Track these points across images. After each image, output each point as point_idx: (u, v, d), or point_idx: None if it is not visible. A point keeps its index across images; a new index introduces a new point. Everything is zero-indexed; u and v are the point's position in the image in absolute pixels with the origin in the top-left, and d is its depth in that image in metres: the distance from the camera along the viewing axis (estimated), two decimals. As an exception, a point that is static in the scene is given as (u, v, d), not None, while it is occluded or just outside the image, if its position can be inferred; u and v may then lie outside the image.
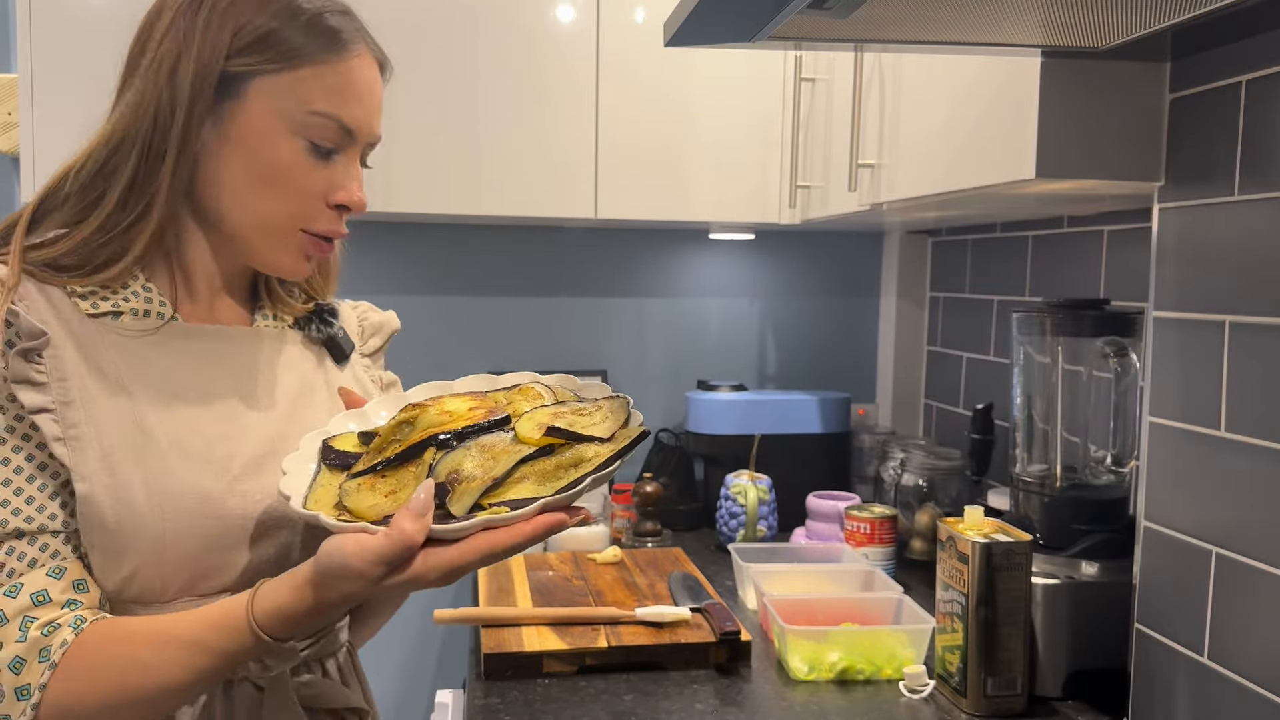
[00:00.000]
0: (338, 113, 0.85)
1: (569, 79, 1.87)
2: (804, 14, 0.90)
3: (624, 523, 1.98)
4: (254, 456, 0.85)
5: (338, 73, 0.85)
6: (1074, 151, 1.12)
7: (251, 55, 0.82)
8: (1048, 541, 1.29)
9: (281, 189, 0.85)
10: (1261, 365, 1.00)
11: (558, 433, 0.83)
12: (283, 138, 0.84)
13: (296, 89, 0.83)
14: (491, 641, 1.34)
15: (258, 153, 0.84)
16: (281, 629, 0.77)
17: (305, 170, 0.85)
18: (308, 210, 0.86)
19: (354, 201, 0.88)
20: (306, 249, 0.88)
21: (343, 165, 0.87)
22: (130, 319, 0.84)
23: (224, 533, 0.82)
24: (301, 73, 0.83)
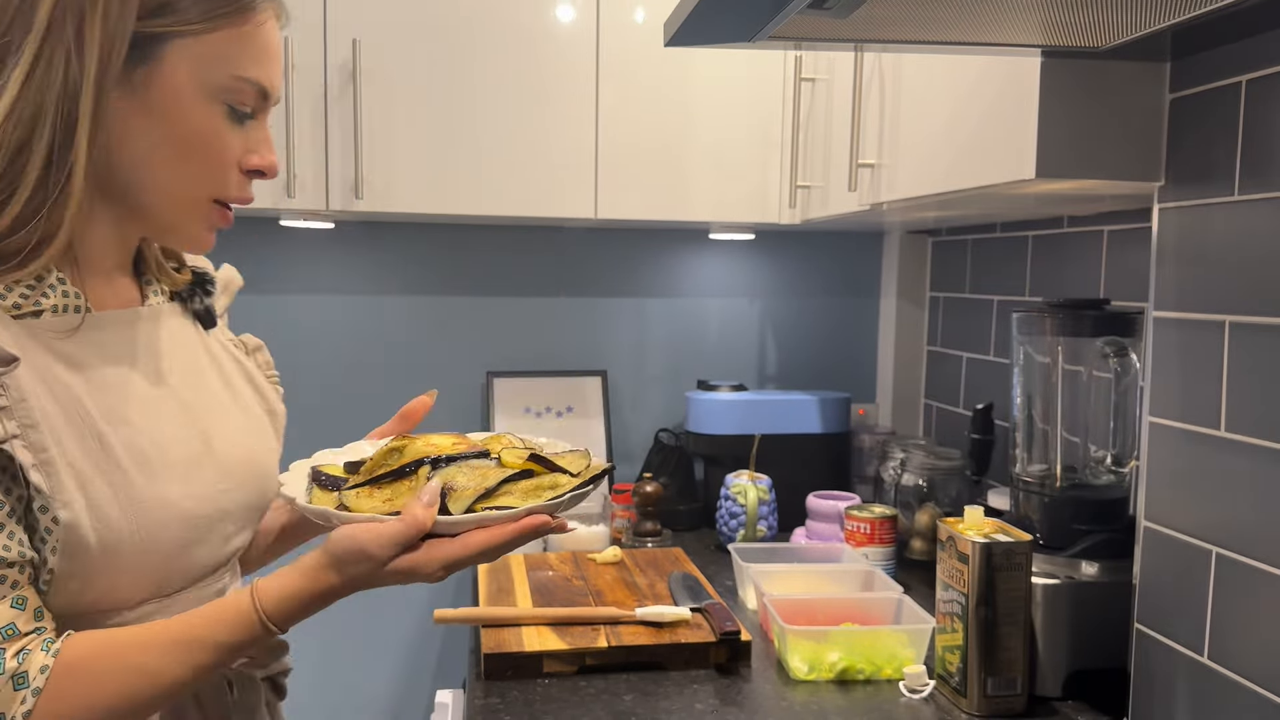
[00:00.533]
0: (256, 76, 0.81)
1: (569, 79, 1.88)
2: (804, 14, 0.90)
3: (624, 523, 1.98)
4: (194, 455, 0.84)
5: (254, 35, 0.81)
6: (1074, 151, 1.12)
7: (165, 16, 0.76)
8: (1048, 541, 1.29)
9: (200, 157, 0.81)
10: (1261, 365, 1.00)
11: (539, 459, 0.93)
12: (202, 104, 0.79)
13: (216, 53, 0.79)
14: (491, 641, 1.34)
15: (176, 120, 0.79)
16: (286, 617, 0.79)
17: (224, 136, 0.81)
18: (223, 178, 0.82)
19: (268, 165, 0.85)
20: (213, 219, 0.84)
21: (256, 129, 0.84)
22: (50, 317, 0.77)
23: (184, 535, 0.81)
24: (219, 34, 0.79)
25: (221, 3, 0.78)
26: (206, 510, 0.83)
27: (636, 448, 2.30)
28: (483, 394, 2.24)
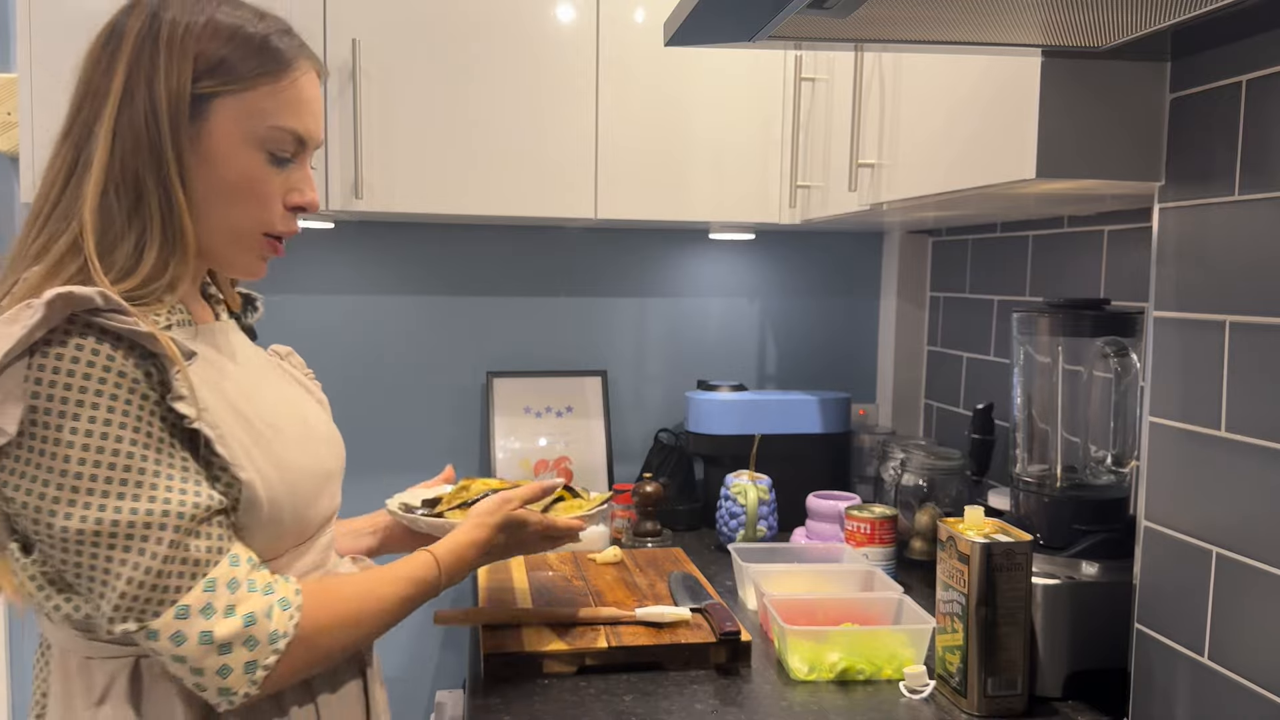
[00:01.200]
0: (293, 125, 0.94)
1: (569, 79, 1.87)
2: (804, 14, 0.90)
3: (624, 523, 1.98)
4: (301, 429, 1.00)
5: (288, 89, 0.93)
6: (1074, 151, 1.12)
7: (212, 79, 0.90)
8: (1048, 541, 1.29)
9: (246, 197, 0.93)
10: (1261, 365, 1.00)
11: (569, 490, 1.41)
12: (245, 151, 0.92)
13: (255, 107, 0.92)
14: (491, 641, 1.34)
15: (223, 167, 0.91)
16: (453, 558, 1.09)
17: (266, 179, 0.94)
18: (269, 215, 0.95)
19: (309, 202, 0.97)
20: (264, 250, 0.98)
21: (296, 170, 0.97)
22: (177, 329, 0.92)
23: (313, 490, 0.98)
24: (258, 91, 0.92)
25: (260, 64, 0.91)
26: (321, 470, 1.00)
27: (636, 448, 2.30)
28: (483, 394, 2.24)
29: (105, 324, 0.82)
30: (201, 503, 0.86)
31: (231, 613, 0.85)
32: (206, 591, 0.85)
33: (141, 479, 0.83)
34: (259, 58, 0.91)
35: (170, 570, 0.83)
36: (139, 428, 0.83)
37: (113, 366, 0.82)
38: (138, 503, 0.83)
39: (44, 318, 0.79)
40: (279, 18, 0.96)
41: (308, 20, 1.75)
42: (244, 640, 0.85)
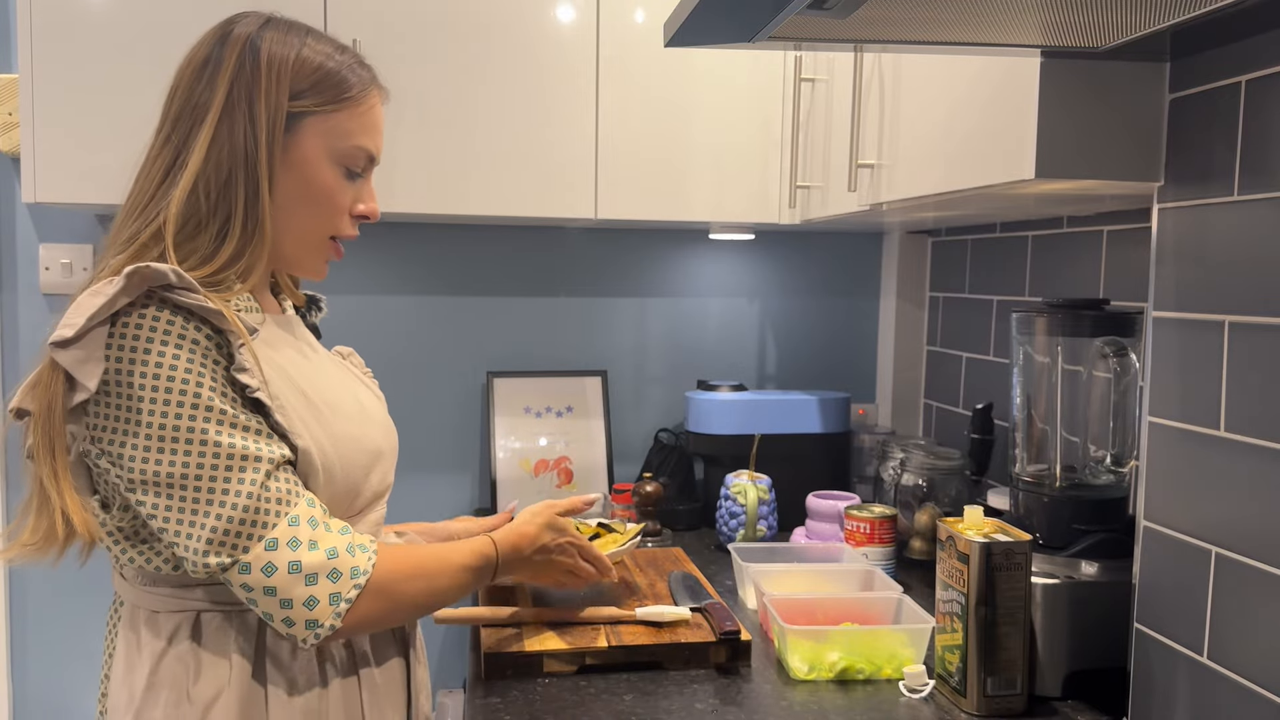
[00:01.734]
0: (367, 145, 1.07)
1: (569, 79, 1.88)
2: (804, 14, 0.91)
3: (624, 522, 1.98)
4: (356, 409, 1.09)
5: (365, 114, 1.07)
6: (1073, 152, 1.12)
7: (304, 100, 1.02)
8: (1047, 541, 1.29)
9: (323, 205, 1.05)
10: (1261, 365, 1.00)
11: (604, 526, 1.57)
12: (326, 165, 1.04)
13: (339, 128, 1.04)
14: (491, 641, 1.34)
15: (307, 177, 1.03)
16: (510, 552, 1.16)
17: (341, 190, 1.06)
18: (339, 221, 1.08)
19: (373, 211, 1.10)
20: (329, 253, 1.10)
21: (364, 184, 1.10)
22: (245, 315, 1.02)
23: (367, 463, 1.06)
24: (341, 114, 1.04)
25: (344, 90, 1.04)
26: (374, 446, 1.08)
27: (636, 448, 2.30)
28: (483, 394, 2.24)
29: (178, 299, 0.92)
30: (276, 451, 0.95)
31: (315, 546, 0.93)
32: (291, 526, 0.93)
33: (220, 427, 0.92)
34: (342, 86, 1.04)
35: (259, 506, 0.92)
36: (214, 386, 0.92)
37: (186, 334, 0.92)
38: (219, 446, 0.91)
39: (123, 288, 0.89)
40: (354, 51, 1.09)
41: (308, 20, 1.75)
42: (329, 572, 0.93)
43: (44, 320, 2.08)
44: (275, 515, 0.93)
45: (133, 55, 1.73)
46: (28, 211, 2.08)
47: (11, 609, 2.13)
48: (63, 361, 0.89)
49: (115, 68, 1.73)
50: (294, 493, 0.95)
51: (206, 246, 0.98)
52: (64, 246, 2.08)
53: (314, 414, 1.01)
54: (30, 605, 2.13)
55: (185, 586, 0.98)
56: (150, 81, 1.76)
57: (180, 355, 0.91)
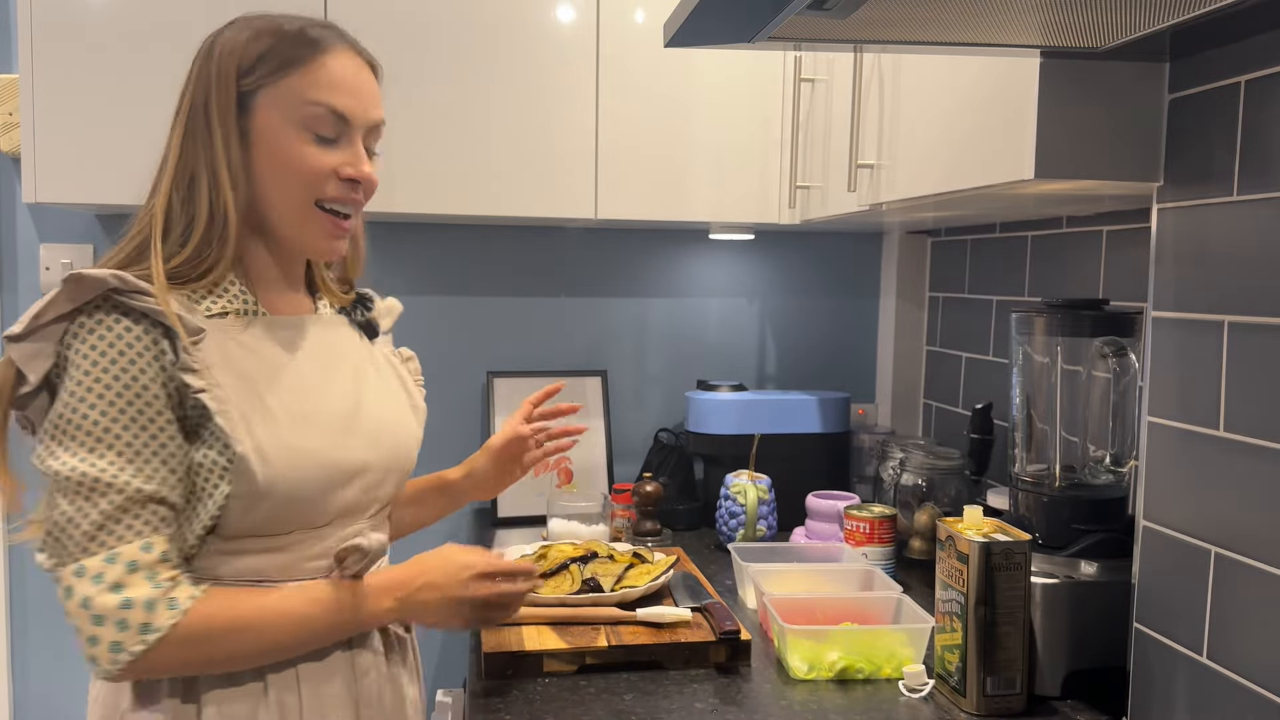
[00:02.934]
0: (328, 100, 1.01)
1: (569, 79, 1.88)
2: (804, 15, 0.91)
3: (624, 522, 1.98)
4: (342, 418, 1.06)
5: (317, 70, 1.01)
6: (1073, 152, 1.13)
7: (252, 75, 1.01)
8: (1047, 541, 1.29)
9: (295, 173, 1.01)
10: (1261, 365, 1.00)
11: (638, 556, 1.60)
12: (288, 132, 1.01)
13: (290, 91, 1.01)
14: (491, 641, 1.34)
15: (273, 151, 1.01)
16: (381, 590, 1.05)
17: (310, 155, 1.01)
18: (318, 185, 1.02)
19: (361, 173, 1.04)
20: (327, 227, 1.04)
21: (347, 148, 1.04)
22: (234, 317, 1.02)
23: (328, 479, 1.02)
24: (291, 77, 1.01)
25: (291, 52, 1.01)
26: (346, 462, 1.04)
27: (636, 448, 2.30)
28: (483, 394, 2.24)
29: (129, 303, 0.94)
30: (146, 489, 0.93)
31: (118, 590, 0.91)
32: (106, 563, 0.92)
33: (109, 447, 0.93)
34: (291, 49, 1.01)
35: (91, 532, 0.92)
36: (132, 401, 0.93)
37: (131, 337, 0.94)
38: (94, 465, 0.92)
39: (61, 293, 0.93)
40: (314, 18, 1.05)
41: (308, 20, 1.75)
42: (117, 620, 0.91)
43: (44, 320, 2.08)
44: (100, 546, 0.91)
45: (133, 55, 1.73)
46: (28, 211, 2.08)
47: (11, 609, 2.13)
48: (13, 355, 0.94)
49: (115, 68, 1.73)
50: (136, 531, 0.93)
51: (176, 240, 1.00)
52: (64, 246, 2.08)
53: (267, 422, 0.98)
54: (30, 605, 2.13)
55: None
56: (150, 82, 1.77)
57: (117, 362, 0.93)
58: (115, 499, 0.92)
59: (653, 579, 1.49)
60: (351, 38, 1.07)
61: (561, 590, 1.46)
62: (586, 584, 1.47)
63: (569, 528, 1.81)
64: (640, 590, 1.46)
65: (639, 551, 1.62)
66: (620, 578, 1.49)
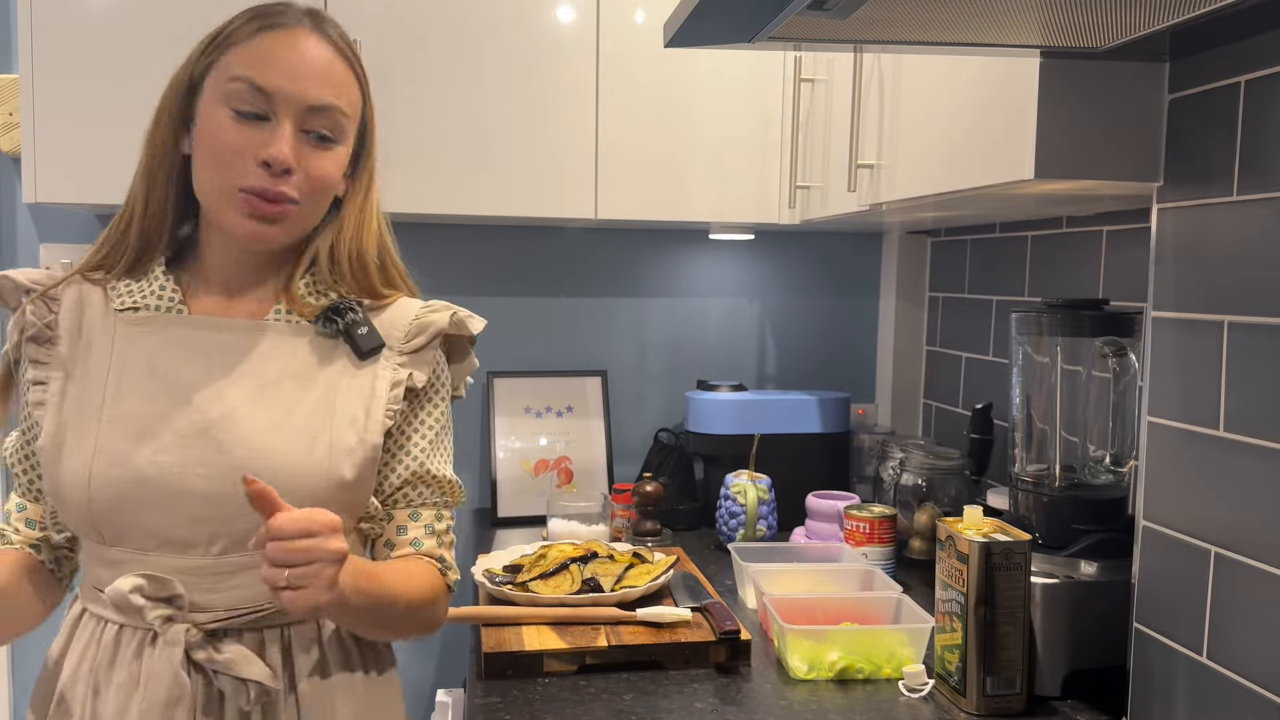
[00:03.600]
0: (251, 75, 0.96)
1: (569, 79, 1.88)
2: (803, 15, 0.91)
3: (624, 522, 1.98)
4: (189, 432, 0.97)
5: (256, 46, 0.97)
6: (1073, 152, 1.13)
7: (202, 57, 0.99)
8: (1047, 541, 1.29)
9: (216, 154, 0.97)
10: (1261, 365, 1.00)
11: (638, 557, 1.60)
12: (215, 111, 0.97)
13: (225, 70, 0.97)
14: (491, 641, 1.34)
15: (201, 132, 0.98)
16: None
17: (233, 134, 0.96)
18: (238, 169, 0.96)
19: (271, 156, 0.95)
20: (244, 207, 0.97)
21: (272, 128, 0.97)
22: (145, 312, 1.01)
23: (139, 494, 0.95)
24: (230, 54, 0.98)
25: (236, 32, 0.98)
26: (166, 480, 0.95)
27: (636, 448, 2.30)
28: (483, 394, 2.24)
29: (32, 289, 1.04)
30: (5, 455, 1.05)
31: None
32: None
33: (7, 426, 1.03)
34: (238, 27, 0.98)
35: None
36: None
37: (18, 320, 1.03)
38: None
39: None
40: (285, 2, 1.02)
41: (308, 20, 1.75)
42: None
43: (44, 320, 2.08)
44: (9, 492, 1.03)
45: (133, 55, 1.73)
46: (28, 211, 2.08)
47: (12, 609, 2.13)
48: None
49: (115, 68, 1.73)
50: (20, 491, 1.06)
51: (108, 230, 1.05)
52: (64, 246, 2.08)
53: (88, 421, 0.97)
54: (30, 605, 2.13)
55: None
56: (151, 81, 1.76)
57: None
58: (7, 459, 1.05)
59: (653, 579, 1.49)
60: (323, 20, 1.02)
61: (561, 590, 1.46)
62: (586, 584, 1.47)
63: (569, 528, 1.81)
64: (640, 590, 1.46)
65: (639, 551, 1.61)
66: (620, 578, 1.49)
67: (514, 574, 1.53)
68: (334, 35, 1.02)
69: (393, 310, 1.09)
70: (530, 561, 1.56)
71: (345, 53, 1.02)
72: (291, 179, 0.97)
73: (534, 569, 1.51)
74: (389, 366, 1.06)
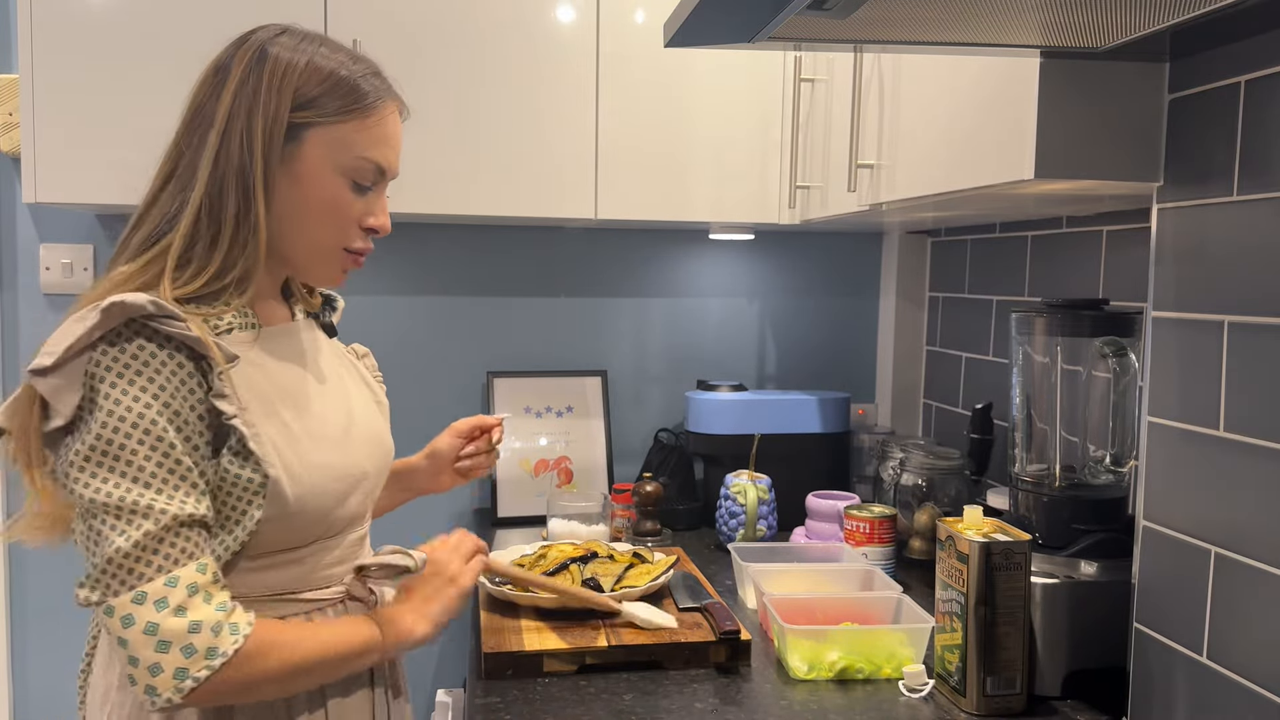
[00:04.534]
0: (376, 158, 1.04)
1: (569, 79, 1.88)
2: (803, 15, 0.91)
3: (624, 522, 1.98)
4: (344, 428, 1.08)
5: (375, 126, 1.03)
6: (1073, 152, 1.13)
7: (308, 110, 1.00)
8: (1047, 541, 1.29)
9: (329, 218, 1.03)
10: (1261, 365, 1.00)
11: (638, 557, 1.61)
12: (331, 177, 1.02)
13: (345, 139, 1.01)
14: (491, 641, 1.34)
15: (312, 189, 1.01)
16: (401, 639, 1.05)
17: (348, 203, 1.04)
18: (348, 234, 1.05)
19: (382, 226, 1.08)
20: (345, 264, 1.08)
21: (375, 197, 1.07)
22: (237, 333, 1.01)
23: (342, 490, 1.05)
24: (349, 125, 1.01)
25: (352, 101, 1.02)
26: (355, 471, 1.07)
27: (636, 448, 2.30)
28: (483, 394, 2.24)
29: (158, 327, 0.92)
30: (187, 509, 0.91)
31: (182, 614, 0.89)
32: (168, 586, 0.89)
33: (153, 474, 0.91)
34: (351, 96, 1.02)
35: (143, 557, 0.89)
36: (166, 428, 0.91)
37: (165, 363, 0.92)
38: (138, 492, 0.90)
39: (100, 321, 0.89)
40: (371, 61, 1.06)
41: (308, 22, 1.75)
42: (183, 645, 0.88)
43: (44, 320, 2.08)
44: (157, 571, 0.89)
45: (133, 55, 1.73)
46: (28, 211, 2.08)
47: (12, 608, 2.13)
48: (40, 389, 0.90)
49: (115, 68, 1.73)
50: (189, 553, 0.91)
51: (200, 259, 0.98)
52: (64, 246, 2.08)
53: (290, 442, 0.99)
54: (30, 604, 2.13)
55: None
56: (151, 81, 1.77)
57: (148, 388, 0.91)
58: (161, 521, 0.89)
59: (653, 579, 1.49)
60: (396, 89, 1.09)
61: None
62: (586, 584, 1.47)
63: (569, 528, 1.81)
64: (640, 590, 1.46)
65: (639, 551, 1.61)
66: (620, 578, 1.49)
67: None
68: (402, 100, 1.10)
69: None
70: (530, 561, 1.56)
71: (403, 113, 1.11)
72: None
73: (534, 569, 1.51)
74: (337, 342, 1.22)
